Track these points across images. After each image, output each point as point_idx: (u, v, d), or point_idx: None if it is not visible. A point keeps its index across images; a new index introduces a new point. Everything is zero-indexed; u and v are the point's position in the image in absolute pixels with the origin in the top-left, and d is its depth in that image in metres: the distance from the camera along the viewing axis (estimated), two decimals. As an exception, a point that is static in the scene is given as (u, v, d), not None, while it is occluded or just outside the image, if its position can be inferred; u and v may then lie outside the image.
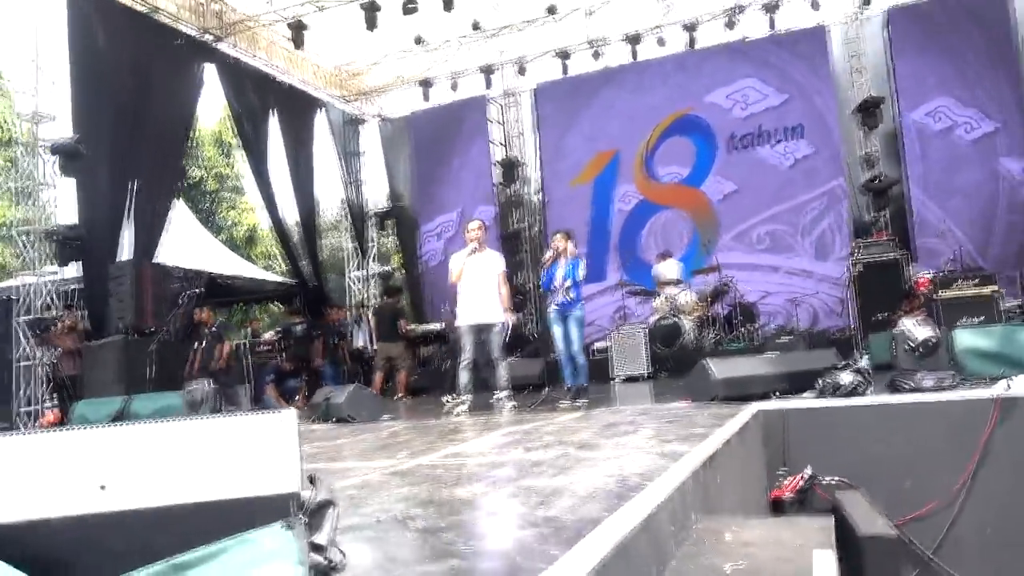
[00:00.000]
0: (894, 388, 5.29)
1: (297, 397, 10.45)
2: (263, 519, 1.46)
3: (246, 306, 16.95)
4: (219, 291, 13.68)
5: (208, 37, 13.27)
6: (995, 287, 9.58)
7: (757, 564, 2.16)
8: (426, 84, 16.14)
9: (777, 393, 5.66)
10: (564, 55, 15.25)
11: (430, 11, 13.34)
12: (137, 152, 11.51)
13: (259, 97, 14.50)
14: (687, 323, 11.88)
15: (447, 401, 7.22)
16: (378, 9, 12.98)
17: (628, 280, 13.26)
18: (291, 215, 15.84)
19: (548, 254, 7.79)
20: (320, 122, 16.31)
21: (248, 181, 22.88)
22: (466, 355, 7.34)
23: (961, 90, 12.79)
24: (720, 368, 5.59)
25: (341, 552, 1.54)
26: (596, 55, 15.19)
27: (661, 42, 14.75)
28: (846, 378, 5.22)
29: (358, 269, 17.56)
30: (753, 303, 12.54)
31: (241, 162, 21.71)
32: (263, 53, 14.62)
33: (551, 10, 14.94)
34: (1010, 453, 4.74)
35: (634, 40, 14.83)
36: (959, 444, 4.86)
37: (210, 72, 13.50)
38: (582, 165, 15.34)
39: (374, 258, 18.03)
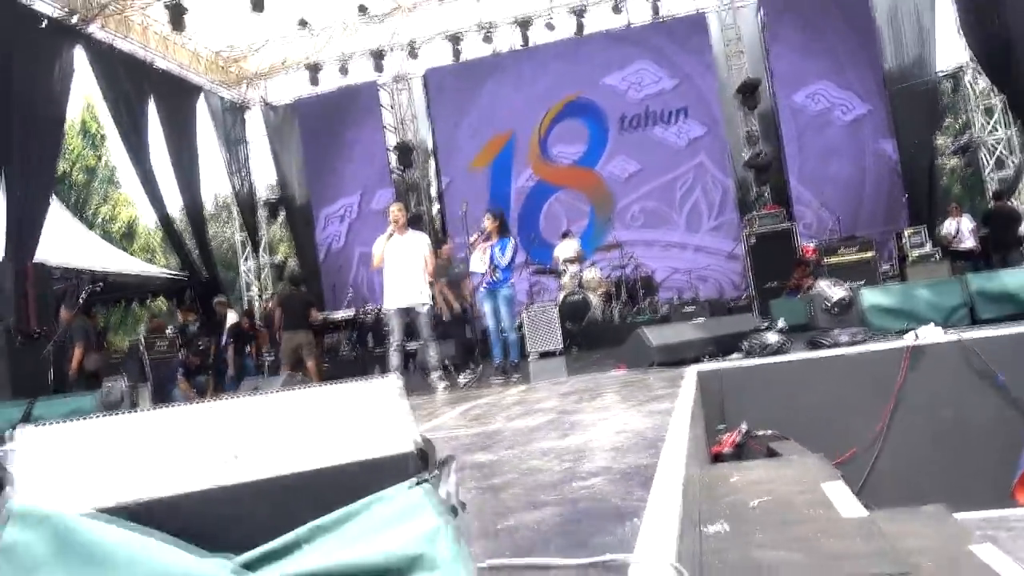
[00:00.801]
0: (814, 345, 5.71)
1: (207, 392, 10.02)
2: (388, 478, 1.49)
3: (128, 304, 15.97)
4: (104, 289, 12.85)
5: (76, 18, 12.36)
6: (873, 252, 10.42)
7: (779, 497, 2.34)
8: (314, 69, 15.71)
9: (707, 356, 5.98)
10: (455, 39, 15.23)
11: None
12: (5, 145, 10.60)
13: (134, 84, 13.63)
14: (593, 299, 12.24)
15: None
16: (265, -10, 12.53)
17: (533, 260, 13.47)
18: (177, 207, 15.08)
19: (475, 235, 7.82)
20: (202, 109, 15.57)
21: (124, 173, 21.57)
22: (395, 338, 7.28)
23: (836, 74, 13.71)
24: (655, 335, 5.85)
25: (461, 503, 1.58)
26: (487, 39, 15.27)
27: (550, 27, 15.00)
28: (772, 338, 5.59)
29: (249, 260, 16.95)
30: (652, 276, 13.04)
31: (115, 153, 20.37)
32: (136, 37, 13.78)
33: (440, -8, 14.93)
34: (920, 397, 5.23)
35: (524, 24, 15.02)
36: (876, 392, 5.32)
37: (79, 58, 12.60)
38: (478, 148, 15.41)
39: (265, 248, 17.47)
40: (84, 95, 20.48)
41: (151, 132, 13.96)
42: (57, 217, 12.28)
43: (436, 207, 16.59)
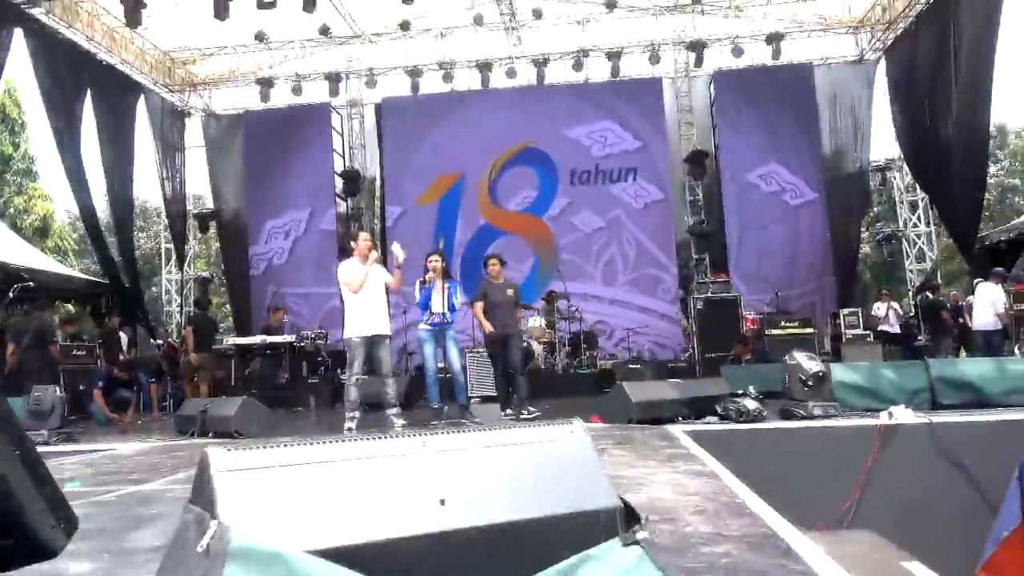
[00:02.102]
0: (786, 415, 5.80)
1: (128, 408, 9.35)
2: (594, 533, 1.37)
3: (29, 304, 14.84)
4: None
5: (19, -1, 11.65)
6: (813, 329, 10.83)
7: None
8: (266, 83, 15.30)
9: (680, 417, 5.99)
10: (415, 72, 15.17)
11: (277, 9, 12.66)
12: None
13: (73, 74, 12.91)
14: (536, 347, 12.21)
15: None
16: (229, -1, 12.15)
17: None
18: (101, 208, 14.22)
19: (428, 274, 7.65)
20: (141, 110, 14.86)
21: (43, 165, 20.27)
22: (356, 369, 6.97)
23: (784, 157, 14.34)
24: (635, 392, 5.81)
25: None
26: (447, 77, 15.27)
27: (511, 73, 15.14)
28: (750, 405, 5.64)
29: (172, 272, 16.15)
30: (593, 330, 13.14)
31: (35, 143, 19.15)
32: (82, 27, 13.10)
33: (404, 26, 14.92)
34: (889, 476, 5.37)
35: (485, 67, 15.11)
36: (846, 467, 5.42)
37: (16, 40, 11.86)
38: (427, 184, 15.27)
39: (190, 262, 16.71)
40: (5, 78, 19.24)
41: (84, 127, 13.22)
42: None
43: (380, 238, 16.27)
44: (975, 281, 11.38)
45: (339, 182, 15.70)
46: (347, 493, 1.23)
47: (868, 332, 11.41)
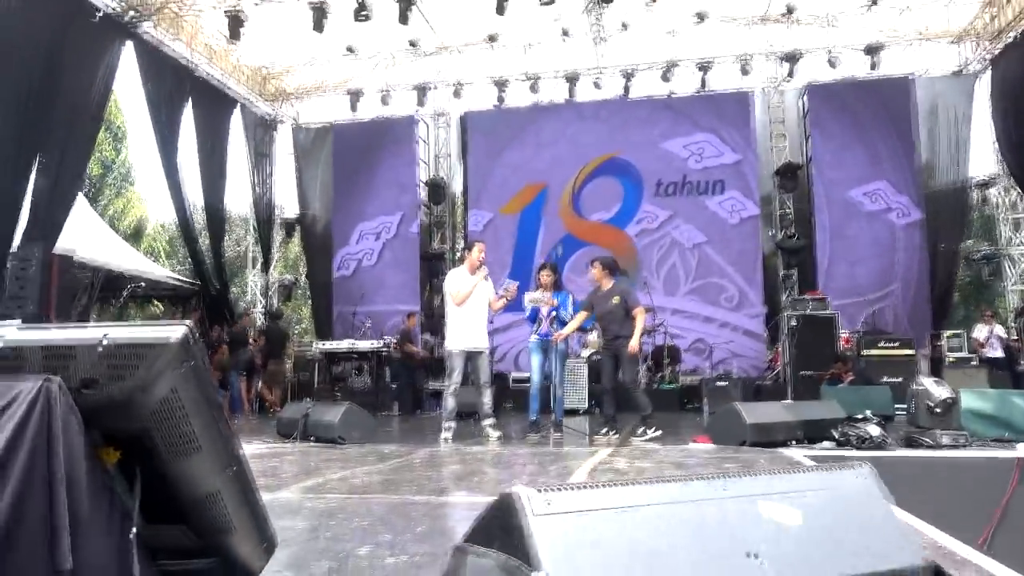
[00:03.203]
0: (912, 444, 5.54)
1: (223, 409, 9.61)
2: None
3: (124, 305, 15.42)
4: (112, 287, 12.43)
5: (132, 14, 12.15)
6: (913, 351, 10.39)
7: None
8: (355, 95, 15.60)
9: (794, 441, 5.78)
10: (501, 84, 15.23)
11: (367, 22, 12.87)
12: (43, 130, 10.28)
13: (176, 86, 13.43)
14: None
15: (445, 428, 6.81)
16: (327, 12, 12.45)
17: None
18: (198, 214, 14.72)
19: (538, 291, 7.65)
20: (235, 120, 15.34)
21: (140, 171, 21.12)
22: (455, 379, 7.00)
23: (881, 172, 13.84)
24: (750, 413, 5.64)
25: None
26: (533, 88, 15.29)
27: (597, 85, 15.07)
28: (874, 431, 5.40)
29: (260, 275, 16.56)
30: (677, 345, 12.92)
31: (134, 150, 19.98)
32: (184, 42, 13.59)
33: (491, 38, 15.00)
34: (1027, 511, 5.06)
35: (571, 79, 15.08)
36: (978, 502, 5.13)
37: (126, 54, 12.40)
38: (510, 194, 15.31)
39: (276, 266, 17.13)
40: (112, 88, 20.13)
41: (183, 136, 13.73)
42: (79, 210, 11.88)
43: (460, 245, 16.38)
44: None
45: (424, 190, 15.87)
46: (655, 540, 1.16)
47: (972, 356, 10.89)
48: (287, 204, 17.10)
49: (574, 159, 15.14)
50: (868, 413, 5.92)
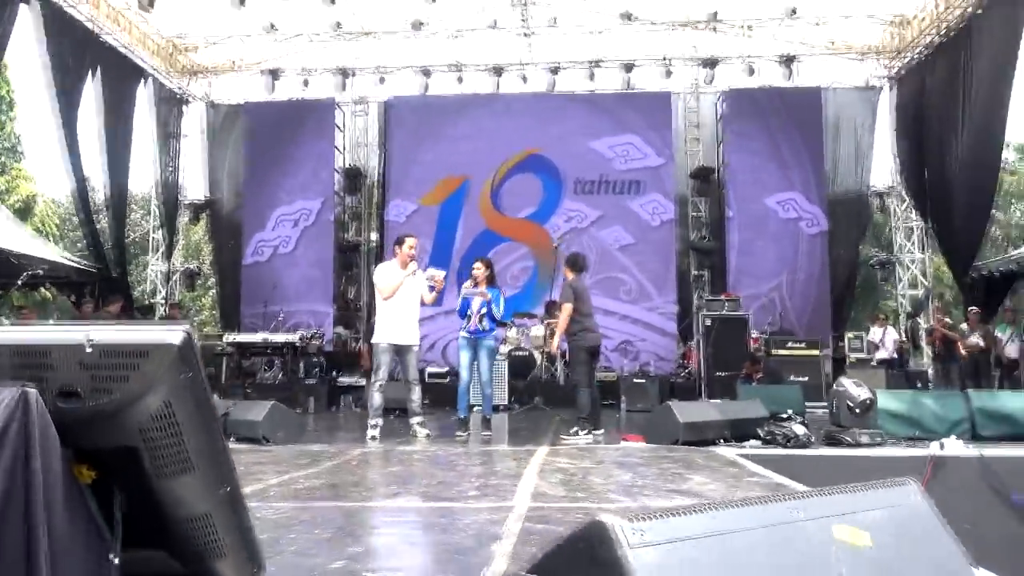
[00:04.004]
0: (833, 442, 5.76)
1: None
2: None
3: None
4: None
5: (30, -27, 11.27)
6: (819, 351, 10.87)
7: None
8: (273, 74, 15.02)
9: (723, 440, 5.92)
10: (426, 72, 15.00)
11: (289, 1, 12.44)
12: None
13: (78, 54, 12.55)
14: (537, 356, 12.12)
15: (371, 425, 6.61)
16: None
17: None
18: (97, 193, 13.82)
19: (469, 282, 7.53)
20: (141, 94, 14.49)
21: (28, 144, 19.64)
22: (381, 375, 6.81)
23: (792, 181, 14.38)
24: (682, 412, 5.73)
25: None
26: (459, 79, 15.12)
27: (524, 78, 15.05)
28: (799, 430, 5.59)
29: (162, 262, 15.74)
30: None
31: (20, 123, 18.54)
32: (89, 6, 12.73)
33: (416, 25, 14.74)
34: (940, 506, 5.33)
35: (497, 71, 14.99)
36: (894, 497, 5.39)
37: (22, 15, 11.48)
38: (430, 186, 15.10)
39: (179, 253, 16.36)
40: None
41: (84, 108, 12.85)
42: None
43: (375, 236, 16.06)
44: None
45: (341, 179, 15.46)
46: (747, 569, 1.10)
47: (871, 357, 11.48)
48: (193, 186, 16.33)
49: (496, 153, 15.06)
50: (791, 412, 6.12)
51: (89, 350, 1.38)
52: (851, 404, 5.75)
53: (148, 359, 1.38)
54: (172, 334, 1.39)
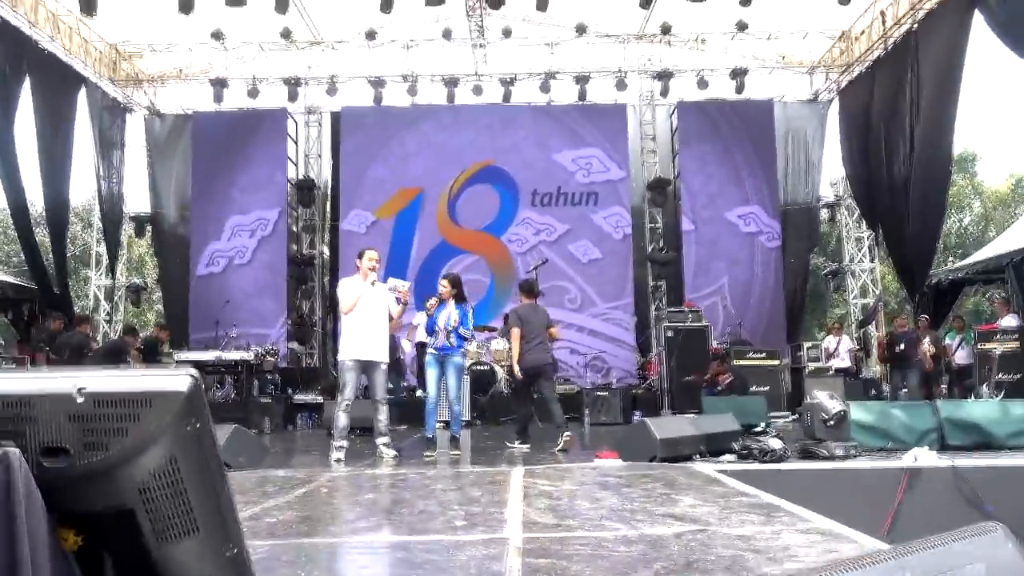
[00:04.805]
0: (808, 455, 5.74)
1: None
2: None
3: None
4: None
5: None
6: (778, 361, 10.97)
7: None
8: (219, 84, 14.59)
9: (698, 455, 5.85)
10: (379, 83, 14.76)
11: (237, 9, 12.06)
12: None
13: (11, 59, 12.00)
14: (499, 370, 11.96)
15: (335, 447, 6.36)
16: (197, -8, 11.56)
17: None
18: (35, 206, 13.20)
19: (433, 299, 7.36)
20: (81, 103, 13.92)
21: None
22: (347, 394, 6.57)
23: (744, 191, 14.58)
24: (658, 428, 5.64)
25: None
26: (411, 89, 14.92)
27: (477, 90, 14.94)
28: (776, 444, 5.55)
29: (105, 277, 15.13)
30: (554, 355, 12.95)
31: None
32: (25, 11, 12.20)
33: (369, 35, 14.57)
34: (913, 519, 5.35)
35: (451, 82, 14.84)
36: (871, 510, 5.38)
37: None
38: (385, 198, 14.85)
39: (123, 268, 15.77)
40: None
41: (20, 116, 12.27)
42: None
43: (327, 251, 15.73)
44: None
45: (293, 190, 15.10)
46: None
47: (828, 366, 11.63)
48: (137, 199, 15.78)
49: (451, 165, 14.90)
50: (764, 426, 6.09)
51: (80, 400, 1.18)
52: (825, 416, 5.75)
53: (151, 409, 1.19)
54: (178, 380, 1.20)
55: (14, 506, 1.11)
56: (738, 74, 14.55)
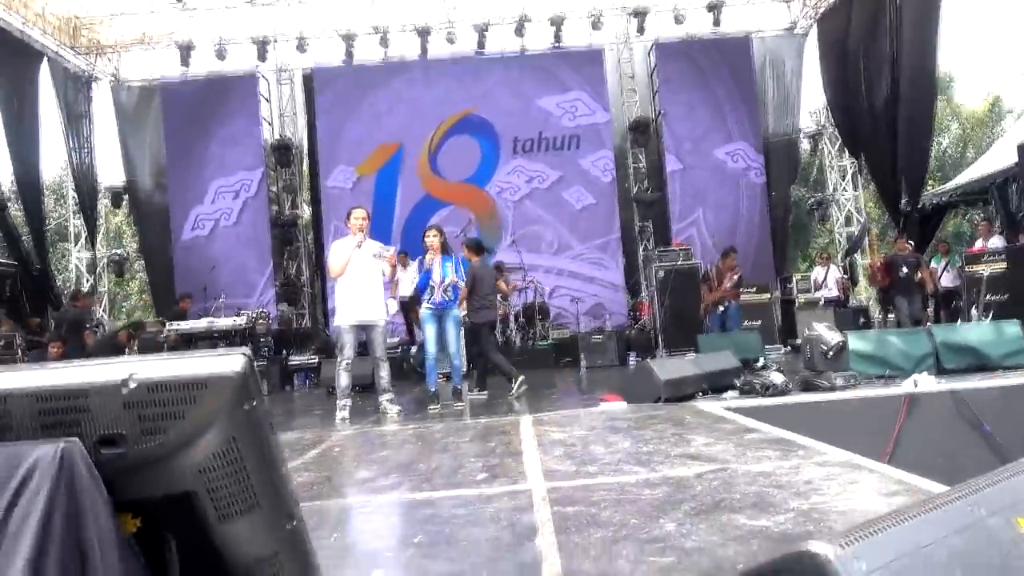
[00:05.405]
0: (809, 387, 5.81)
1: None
2: None
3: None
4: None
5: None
6: (769, 295, 11.06)
7: None
8: (185, 48, 14.18)
9: (701, 393, 5.92)
10: (349, 38, 14.40)
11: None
12: None
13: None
14: (492, 321, 11.96)
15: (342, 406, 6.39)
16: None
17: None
18: (5, 183, 12.91)
19: (428, 254, 7.31)
20: (43, 76, 13.51)
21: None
22: (347, 354, 6.56)
23: (742, 133, 14.47)
24: (661, 370, 5.68)
25: None
26: (383, 42, 14.58)
27: (451, 39, 14.60)
28: (777, 378, 5.61)
29: (85, 251, 14.91)
30: (544, 302, 13.01)
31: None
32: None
33: (336, -13, 14.15)
34: (915, 443, 5.47)
35: (423, 33, 14.51)
36: (873, 437, 5.49)
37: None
38: (364, 155, 14.64)
39: (103, 240, 15.54)
40: None
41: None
42: None
43: (309, 210, 15.55)
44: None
45: (270, 151, 14.84)
46: None
47: (818, 297, 11.73)
48: (109, 170, 15.45)
49: (429, 117, 14.68)
50: (764, 360, 6.15)
51: (133, 386, 1.16)
52: (825, 348, 5.82)
53: (207, 391, 1.17)
54: (233, 360, 1.18)
55: (78, 501, 1.10)
56: (714, 7, 14.32)
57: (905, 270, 9.38)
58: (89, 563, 1.09)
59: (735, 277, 10.13)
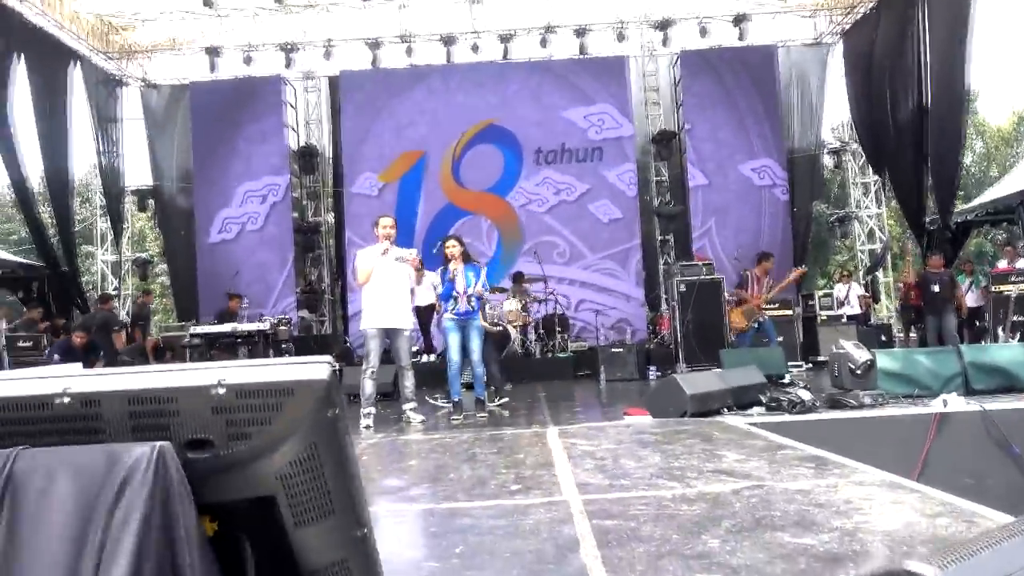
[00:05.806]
0: (837, 405, 5.78)
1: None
2: None
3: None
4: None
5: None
6: (791, 311, 11.01)
7: None
8: (214, 52, 14.36)
9: (727, 409, 5.89)
10: (375, 44, 14.53)
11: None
12: None
13: (3, 37, 11.81)
14: (512, 331, 11.98)
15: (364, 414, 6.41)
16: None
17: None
18: (36, 183, 13.09)
19: (452, 264, 7.29)
20: (75, 78, 13.71)
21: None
22: (371, 362, 6.59)
23: (766, 149, 14.42)
24: (688, 384, 5.67)
25: None
26: (408, 50, 14.70)
27: (475, 48, 14.70)
28: (805, 395, 5.59)
29: (111, 253, 15.08)
30: (564, 313, 12.99)
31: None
32: (12, -18, 11.94)
33: (363, -5, 14.29)
34: (944, 463, 5.42)
35: (448, 41, 14.62)
36: (901, 457, 5.44)
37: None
38: (387, 162, 14.72)
39: (129, 242, 15.72)
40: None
41: (15, 94, 12.11)
42: None
43: (332, 216, 15.65)
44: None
45: (295, 158, 14.97)
46: None
47: (840, 314, 11.66)
48: (136, 172, 15.64)
49: (453, 125, 14.74)
50: (791, 377, 6.12)
51: (222, 391, 1.19)
52: (853, 366, 5.79)
53: (293, 398, 1.19)
54: (319, 368, 1.20)
55: (172, 502, 1.12)
56: (740, 20, 14.33)
57: (937, 288, 9.25)
58: (179, 563, 1.11)
59: (770, 282, 10.02)
